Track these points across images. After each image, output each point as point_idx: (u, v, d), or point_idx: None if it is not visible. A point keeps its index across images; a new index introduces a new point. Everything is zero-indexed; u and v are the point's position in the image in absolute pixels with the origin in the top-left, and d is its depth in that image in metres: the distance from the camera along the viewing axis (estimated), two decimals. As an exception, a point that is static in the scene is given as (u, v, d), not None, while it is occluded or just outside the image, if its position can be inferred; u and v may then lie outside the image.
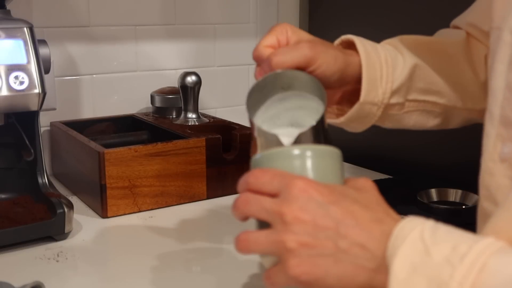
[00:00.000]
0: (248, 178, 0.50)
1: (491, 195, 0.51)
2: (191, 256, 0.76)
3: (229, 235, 0.82)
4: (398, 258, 0.42)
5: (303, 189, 0.46)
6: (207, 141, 0.95)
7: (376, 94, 0.65)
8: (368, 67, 0.64)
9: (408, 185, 0.97)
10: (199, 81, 1.07)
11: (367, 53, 0.65)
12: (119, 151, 0.88)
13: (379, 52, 0.66)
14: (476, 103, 0.73)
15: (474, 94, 0.72)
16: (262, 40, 0.62)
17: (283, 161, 0.50)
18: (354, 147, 1.16)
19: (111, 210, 0.88)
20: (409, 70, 0.67)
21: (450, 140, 1.00)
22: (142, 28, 1.18)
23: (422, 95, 0.69)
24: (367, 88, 0.65)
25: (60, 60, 1.10)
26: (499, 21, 0.55)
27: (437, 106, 0.71)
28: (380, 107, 0.67)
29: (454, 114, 0.73)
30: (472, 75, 0.72)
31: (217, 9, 1.26)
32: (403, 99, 0.68)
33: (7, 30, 0.80)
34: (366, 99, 0.65)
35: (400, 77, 0.67)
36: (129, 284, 0.68)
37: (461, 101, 0.72)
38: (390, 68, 0.66)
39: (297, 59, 0.58)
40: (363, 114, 0.67)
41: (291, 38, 0.61)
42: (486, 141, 0.53)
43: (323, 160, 0.51)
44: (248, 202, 0.49)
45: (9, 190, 0.87)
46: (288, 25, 0.62)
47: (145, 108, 1.20)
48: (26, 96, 0.80)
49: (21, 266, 0.72)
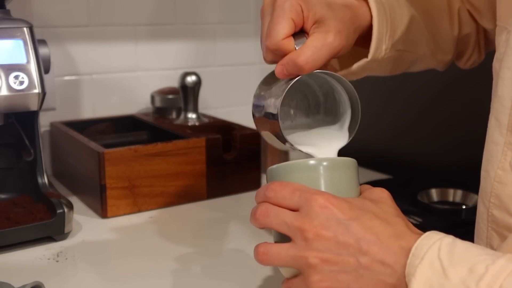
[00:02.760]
0: (267, 192, 0.50)
1: (502, 204, 0.51)
2: (191, 256, 0.76)
3: (229, 235, 0.82)
4: (417, 278, 0.43)
5: (323, 205, 0.47)
6: (207, 141, 0.95)
7: (380, 51, 0.63)
8: (379, 24, 0.61)
9: (408, 185, 0.96)
10: (199, 81, 1.07)
11: (378, 7, 0.62)
12: (119, 151, 0.88)
13: (384, 3, 0.63)
14: (445, 55, 0.74)
15: (446, 47, 0.73)
16: (277, 27, 0.54)
17: (301, 173, 0.50)
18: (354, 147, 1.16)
19: (111, 210, 0.88)
20: (406, 24, 0.66)
21: (450, 140, 1.00)
22: (142, 28, 1.18)
23: (405, 46, 0.68)
24: (376, 46, 0.62)
25: (60, 60, 1.09)
26: (506, 21, 0.55)
27: (412, 55, 0.70)
28: (379, 62, 0.65)
29: (421, 62, 0.73)
30: (449, 29, 0.72)
31: (217, 9, 1.26)
32: (395, 51, 0.66)
33: (7, 30, 0.80)
34: (374, 57, 0.63)
35: (398, 30, 0.65)
36: (129, 284, 0.68)
37: (433, 53, 0.72)
38: (392, 20, 0.64)
39: (327, 58, 0.54)
40: (364, 69, 0.65)
41: (308, 17, 0.55)
42: (493, 148, 0.53)
43: (341, 172, 0.51)
44: (268, 214, 0.49)
45: (9, 190, 0.87)
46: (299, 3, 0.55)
47: (145, 108, 1.20)
48: (26, 96, 0.80)
49: (21, 266, 0.72)
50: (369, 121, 0.81)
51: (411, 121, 1.07)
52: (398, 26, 0.65)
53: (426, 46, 0.71)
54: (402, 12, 0.66)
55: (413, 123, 1.07)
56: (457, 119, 0.99)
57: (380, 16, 0.62)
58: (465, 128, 0.79)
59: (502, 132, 0.52)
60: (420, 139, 1.07)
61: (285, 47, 0.54)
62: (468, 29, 0.74)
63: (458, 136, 0.87)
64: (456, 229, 0.78)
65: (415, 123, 1.07)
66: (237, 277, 0.69)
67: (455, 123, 0.99)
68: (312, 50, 0.53)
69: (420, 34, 0.69)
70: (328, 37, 0.54)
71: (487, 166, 0.54)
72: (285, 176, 0.51)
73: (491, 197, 0.52)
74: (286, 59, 0.53)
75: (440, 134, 1.03)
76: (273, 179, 0.52)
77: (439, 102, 0.99)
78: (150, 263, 0.73)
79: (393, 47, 0.65)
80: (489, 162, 0.53)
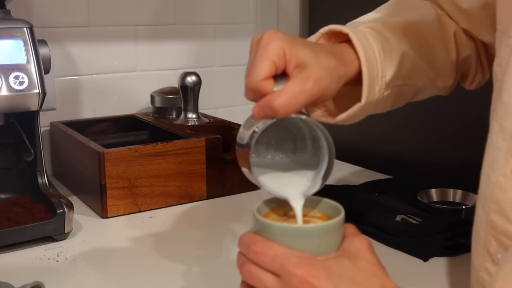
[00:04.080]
0: (249, 252, 0.51)
1: (502, 210, 0.51)
2: (191, 256, 0.76)
3: (229, 235, 0.82)
4: None
5: (302, 280, 0.48)
6: (207, 141, 0.95)
7: (374, 93, 0.63)
8: (368, 68, 0.62)
9: (408, 185, 0.97)
10: (199, 81, 1.07)
11: (365, 52, 0.62)
12: (119, 151, 0.88)
13: (372, 44, 0.63)
14: (446, 81, 0.73)
15: (445, 73, 0.73)
16: (257, 68, 0.54)
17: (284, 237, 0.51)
18: (354, 147, 1.16)
19: (111, 210, 0.88)
20: (398, 60, 0.65)
21: (451, 140, 1.00)
22: (142, 28, 1.18)
23: (403, 80, 0.67)
24: (368, 89, 0.62)
25: (60, 60, 1.09)
26: (506, 26, 0.54)
27: (413, 88, 0.70)
28: (375, 104, 0.65)
29: (424, 92, 0.73)
30: (445, 55, 0.72)
31: (217, 9, 1.26)
32: (391, 89, 0.66)
33: (7, 30, 0.80)
34: (368, 100, 0.64)
35: (391, 69, 0.64)
36: (129, 284, 0.68)
37: (434, 81, 0.72)
38: (383, 62, 0.63)
39: (304, 104, 0.54)
40: (361, 113, 0.65)
41: (290, 61, 0.55)
42: (495, 154, 0.53)
43: (324, 236, 0.52)
44: (252, 276, 0.51)
45: (9, 190, 0.87)
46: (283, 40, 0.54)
47: (145, 108, 1.20)
48: (26, 96, 0.80)
49: (21, 266, 0.72)
50: (370, 122, 0.82)
51: (412, 122, 1.07)
52: (390, 65, 0.65)
53: (425, 77, 0.71)
54: (393, 50, 0.66)
55: (413, 124, 1.07)
56: (458, 120, 0.99)
57: (369, 60, 0.62)
58: (466, 129, 0.79)
59: (505, 138, 0.51)
60: (421, 140, 1.07)
61: (263, 88, 0.54)
62: (467, 51, 0.73)
63: (458, 136, 0.87)
64: (456, 229, 0.78)
65: (416, 124, 1.07)
66: (237, 277, 0.69)
67: (455, 125, 0.99)
68: (289, 95, 0.52)
69: (416, 67, 0.69)
70: (307, 83, 0.54)
71: (488, 171, 0.54)
72: (267, 234, 0.52)
73: (491, 203, 0.52)
74: (263, 101, 0.53)
75: (440, 135, 1.03)
76: (256, 227, 0.54)
77: (440, 103, 0.99)
78: (150, 263, 0.73)
79: (388, 86, 0.65)
80: (491, 168, 0.53)
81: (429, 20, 0.72)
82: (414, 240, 0.76)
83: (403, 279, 0.70)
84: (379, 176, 1.07)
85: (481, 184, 0.55)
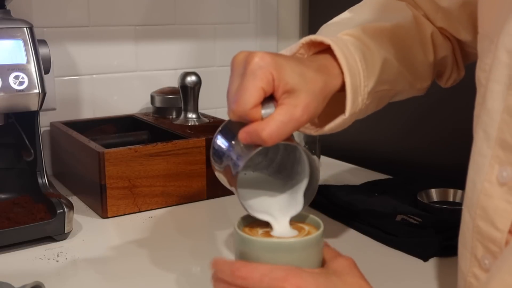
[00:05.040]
0: (234, 278, 0.50)
1: (488, 217, 0.51)
2: (191, 256, 0.76)
3: (229, 235, 0.82)
4: None
5: None
6: (207, 141, 0.95)
7: (357, 103, 0.63)
8: (351, 80, 0.61)
9: (408, 185, 0.97)
10: (199, 81, 1.07)
11: (348, 63, 0.61)
12: (119, 151, 0.88)
13: (353, 54, 0.63)
14: (424, 83, 0.74)
15: (423, 74, 0.73)
16: (246, 95, 0.53)
17: (265, 253, 0.52)
18: (354, 147, 1.16)
19: (111, 210, 0.88)
20: (379, 68, 0.65)
21: (450, 140, 1.00)
22: (142, 28, 1.18)
23: (383, 85, 0.67)
24: (351, 101, 0.62)
25: (60, 60, 1.09)
26: (489, 30, 0.54)
27: (392, 92, 0.70)
28: (357, 114, 0.65)
29: (401, 94, 0.73)
30: (423, 57, 0.72)
31: (217, 9, 1.26)
32: (373, 96, 0.66)
33: (7, 30, 0.80)
34: (351, 111, 0.62)
35: (372, 77, 0.64)
36: (129, 284, 0.68)
37: (412, 83, 0.72)
38: (365, 72, 0.63)
39: (292, 131, 0.54)
40: (346, 123, 0.65)
41: (278, 86, 0.54)
42: (479, 160, 0.53)
43: (306, 250, 0.53)
44: None
45: (9, 190, 0.87)
46: (271, 66, 0.54)
47: (145, 108, 1.20)
48: (26, 96, 0.80)
49: (21, 266, 0.72)
50: (370, 122, 0.82)
51: (412, 122, 1.07)
52: (372, 74, 0.64)
53: (404, 80, 0.71)
54: (374, 58, 0.65)
55: (413, 125, 1.07)
56: (458, 120, 0.99)
57: (352, 71, 0.61)
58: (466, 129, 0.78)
59: (490, 145, 0.51)
60: (421, 140, 1.07)
61: (252, 116, 0.53)
62: (444, 52, 0.74)
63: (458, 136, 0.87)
64: (456, 229, 0.78)
65: (416, 124, 1.07)
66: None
67: (455, 124, 0.99)
68: (278, 125, 0.52)
69: (396, 72, 0.69)
70: (296, 112, 0.54)
71: (473, 177, 0.54)
72: (249, 249, 0.53)
73: (477, 209, 0.52)
74: (251, 129, 0.53)
75: (441, 135, 1.03)
76: (237, 242, 0.55)
77: (440, 104, 0.99)
78: (150, 263, 0.73)
79: (369, 94, 0.65)
80: (476, 174, 0.53)
81: (406, 23, 0.72)
82: (414, 240, 0.76)
83: (403, 279, 0.70)
84: (379, 176, 1.07)
85: (466, 190, 0.55)
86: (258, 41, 1.31)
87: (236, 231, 0.54)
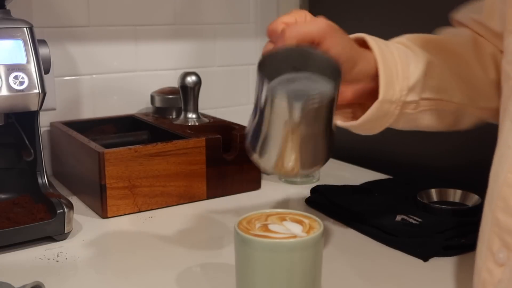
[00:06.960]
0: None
1: (507, 208, 0.51)
2: (191, 256, 0.76)
3: (229, 235, 0.82)
4: None
5: None
6: (207, 141, 0.95)
7: (394, 91, 0.64)
8: (384, 63, 0.62)
9: (408, 185, 0.97)
10: (199, 81, 1.07)
11: (380, 50, 0.63)
12: (119, 151, 0.88)
13: (391, 48, 0.64)
14: (488, 102, 0.72)
15: (485, 93, 0.72)
16: (280, 17, 0.60)
17: (268, 253, 0.53)
18: (354, 147, 1.16)
19: (111, 210, 0.88)
20: (423, 67, 0.66)
21: (451, 140, 1.00)
22: (142, 28, 1.18)
23: (436, 94, 0.68)
24: (385, 85, 0.63)
25: (60, 60, 1.10)
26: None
27: (450, 105, 0.70)
28: (398, 105, 0.65)
29: (466, 113, 0.73)
30: (483, 74, 0.71)
31: (217, 9, 1.26)
32: (418, 97, 0.66)
33: (7, 30, 0.80)
34: (385, 97, 0.63)
35: (415, 73, 0.65)
36: (129, 284, 0.68)
37: (473, 100, 0.71)
38: (404, 65, 0.64)
39: (313, 32, 0.57)
40: (382, 113, 0.65)
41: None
42: (505, 151, 0.52)
43: (306, 250, 0.54)
44: None
45: (9, 190, 0.87)
46: (307, 12, 0.61)
47: (145, 108, 1.20)
48: (26, 96, 0.80)
49: (21, 266, 0.72)
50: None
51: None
52: (414, 69, 0.65)
53: (460, 92, 0.70)
54: (418, 58, 0.66)
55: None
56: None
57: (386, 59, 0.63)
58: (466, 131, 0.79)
59: None
60: (420, 140, 1.07)
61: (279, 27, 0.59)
62: None
63: (458, 137, 0.87)
64: (456, 229, 0.78)
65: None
66: (237, 277, 0.69)
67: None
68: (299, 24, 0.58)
69: (447, 79, 0.69)
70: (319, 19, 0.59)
71: (497, 169, 0.54)
72: (248, 248, 0.54)
73: (498, 200, 0.52)
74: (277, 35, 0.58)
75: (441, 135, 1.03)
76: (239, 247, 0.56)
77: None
78: (150, 263, 0.73)
79: (413, 91, 0.65)
80: (500, 165, 0.53)
81: (463, 40, 0.72)
82: (414, 240, 0.76)
83: (403, 279, 0.70)
84: (379, 176, 1.07)
85: (490, 182, 0.55)
86: (258, 41, 1.31)
87: (236, 231, 0.55)
